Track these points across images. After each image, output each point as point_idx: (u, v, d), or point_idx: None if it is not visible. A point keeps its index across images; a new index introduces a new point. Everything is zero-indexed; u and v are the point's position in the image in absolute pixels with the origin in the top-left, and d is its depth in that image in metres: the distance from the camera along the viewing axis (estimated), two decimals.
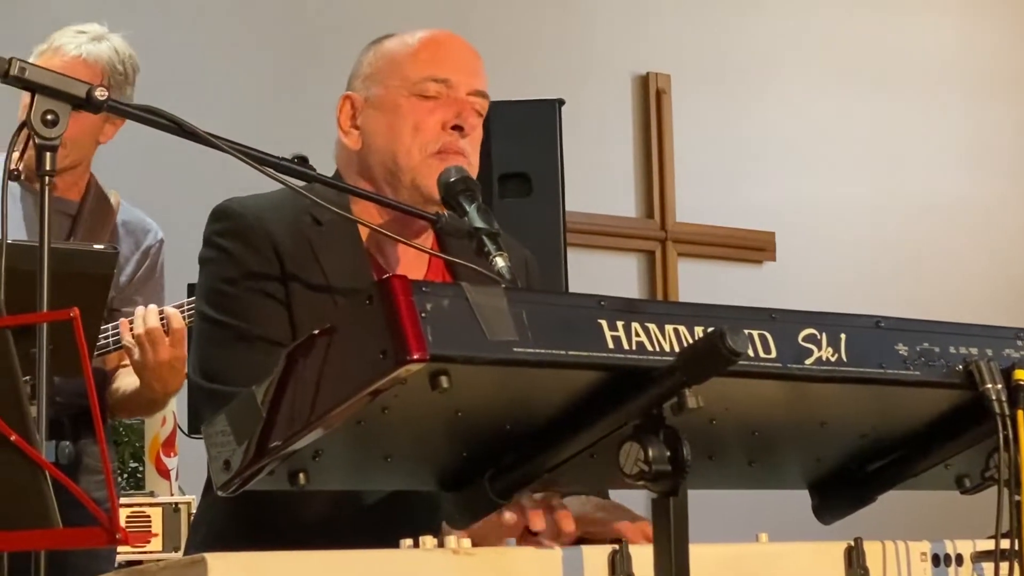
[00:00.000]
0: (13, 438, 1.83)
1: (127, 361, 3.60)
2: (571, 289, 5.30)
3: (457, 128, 2.64)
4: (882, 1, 7.81)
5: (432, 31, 2.73)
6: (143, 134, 2.70)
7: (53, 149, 2.29)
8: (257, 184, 2.61)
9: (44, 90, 2.29)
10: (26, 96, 2.33)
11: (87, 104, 2.32)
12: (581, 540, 2.42)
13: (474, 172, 2.65)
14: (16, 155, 2.41)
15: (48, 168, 2.29)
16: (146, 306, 3.55)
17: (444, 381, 1.74)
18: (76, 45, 3.62)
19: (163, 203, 4.38)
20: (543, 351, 1.78)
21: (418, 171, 2.63)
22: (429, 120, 2.64)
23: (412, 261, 2.70)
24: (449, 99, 2.65)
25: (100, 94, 2.32)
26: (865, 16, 7.73)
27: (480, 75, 2.71)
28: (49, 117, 2.29)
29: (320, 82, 4.46)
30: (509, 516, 2.23)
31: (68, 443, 3.55)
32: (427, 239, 2.70)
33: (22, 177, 3.46)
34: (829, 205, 7.47)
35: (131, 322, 3.51)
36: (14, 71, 2.29)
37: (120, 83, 3.63)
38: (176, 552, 4.29)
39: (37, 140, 2.28)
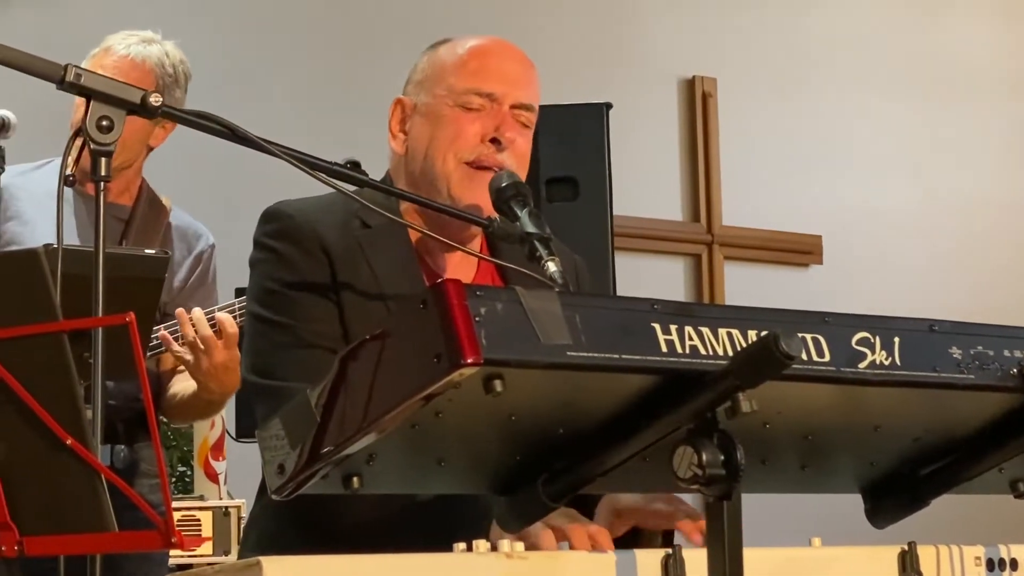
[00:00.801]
0: (69, 442, 1.84)
1: (182, 366, 3.60)
2: (618, 293, 5.29)
3: (495, 141, 2.64)
4: (929, 4, 7.77)
5: (482, 40, 2.72)
6: (190, 137, 2.71)
7: (108, 155, 2.30)
8: (307, 189, 2.62)
9: (99, 96, 2.30)
10: (81, 100, 2.35)
11: (142, 110, 2.34)
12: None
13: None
14: (71, 160, 2.42)
15: (104, 174, 2.30)
16: (196, 311, 3.55)
17: (498, 385, 1.74)
18: (126, 46, 3.65)
19: (210, 206, 4.40)
20: (597, 355, 1.78)
21: (452, 179, 2.63)
22: (469, 130, 2.63)
23: (460, 265, 2.70)
24: (492, 111, 2.64)
25: (155, 100, 2.34)
26: (912, 19, 7.69)
27: (528, 87, 2.69)
28: (104, 123, 2.30)
29: (374, 85, 4.46)
30: (548, 539, 2.20)
31: (123, 447, 3.56)
32: (475, 244, 2.70)
33: (76, 182, 3.50)
34: (876, 208, 7.43)
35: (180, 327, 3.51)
36: (70, 77, 2.30)
37: (169, 86, 3.65)
38: (226, 556, 4.31)
39: (92, 146, 2.29)
